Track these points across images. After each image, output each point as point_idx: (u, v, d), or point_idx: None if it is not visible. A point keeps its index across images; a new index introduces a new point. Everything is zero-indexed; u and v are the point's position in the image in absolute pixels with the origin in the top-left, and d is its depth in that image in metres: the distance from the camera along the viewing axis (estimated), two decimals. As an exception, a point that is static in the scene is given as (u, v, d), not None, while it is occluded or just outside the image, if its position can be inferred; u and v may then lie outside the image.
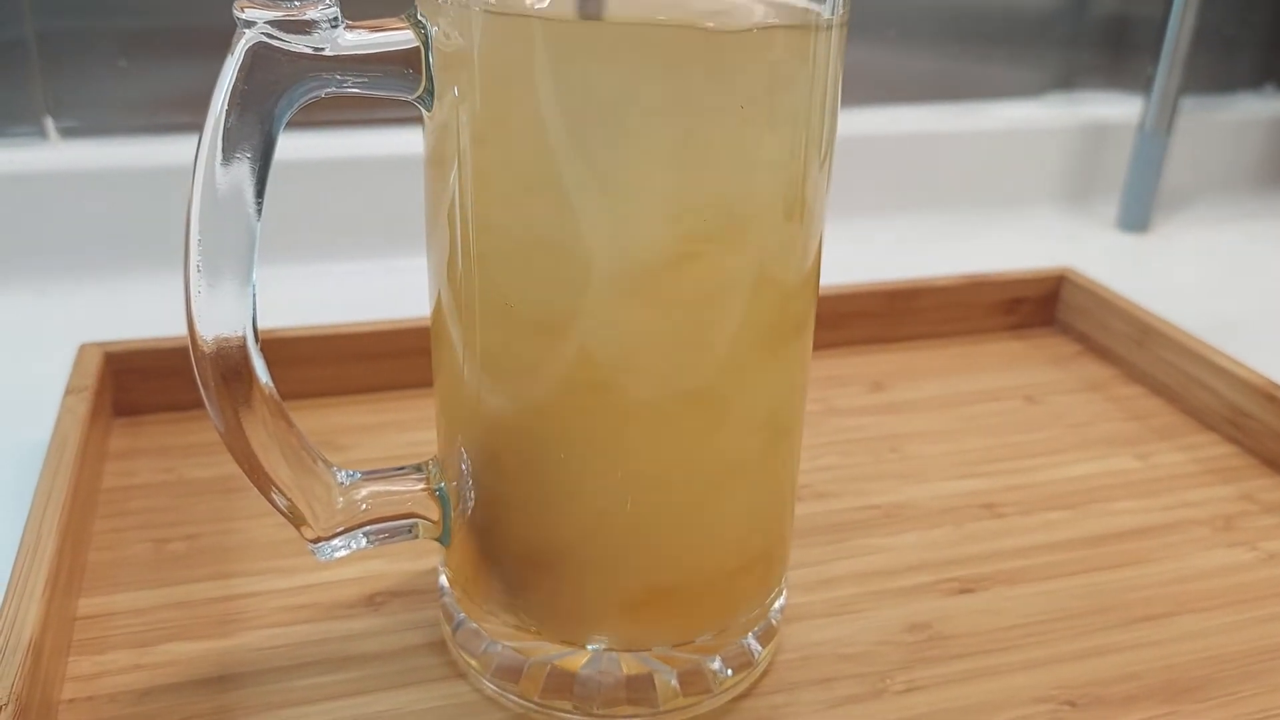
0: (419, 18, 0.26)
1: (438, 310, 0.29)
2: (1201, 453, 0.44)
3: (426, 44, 0.25)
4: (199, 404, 0.27)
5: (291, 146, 0.54)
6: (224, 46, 0.24)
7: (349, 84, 0.25)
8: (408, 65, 0.26)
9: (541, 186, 0.25)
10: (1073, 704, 0.31)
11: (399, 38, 0.25)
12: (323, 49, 0.25)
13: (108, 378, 0.42)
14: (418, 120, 0.27)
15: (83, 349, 0.42)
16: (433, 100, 0.26)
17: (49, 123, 0.55)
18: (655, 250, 0.25)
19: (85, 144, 0.55)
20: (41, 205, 0.54)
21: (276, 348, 0.42)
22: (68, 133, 0.55)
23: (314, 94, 0.25)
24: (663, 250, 0.25)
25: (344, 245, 0.58)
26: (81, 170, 0.54)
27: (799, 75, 0.25)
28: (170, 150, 0.55)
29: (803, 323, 0.29)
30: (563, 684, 0.30)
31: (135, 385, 0.43)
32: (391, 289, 0.49)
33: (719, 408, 0.28)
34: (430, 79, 0.26)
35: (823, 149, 0.27)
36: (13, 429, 0.42)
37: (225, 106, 0.24)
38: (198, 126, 0.25)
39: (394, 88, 0.26)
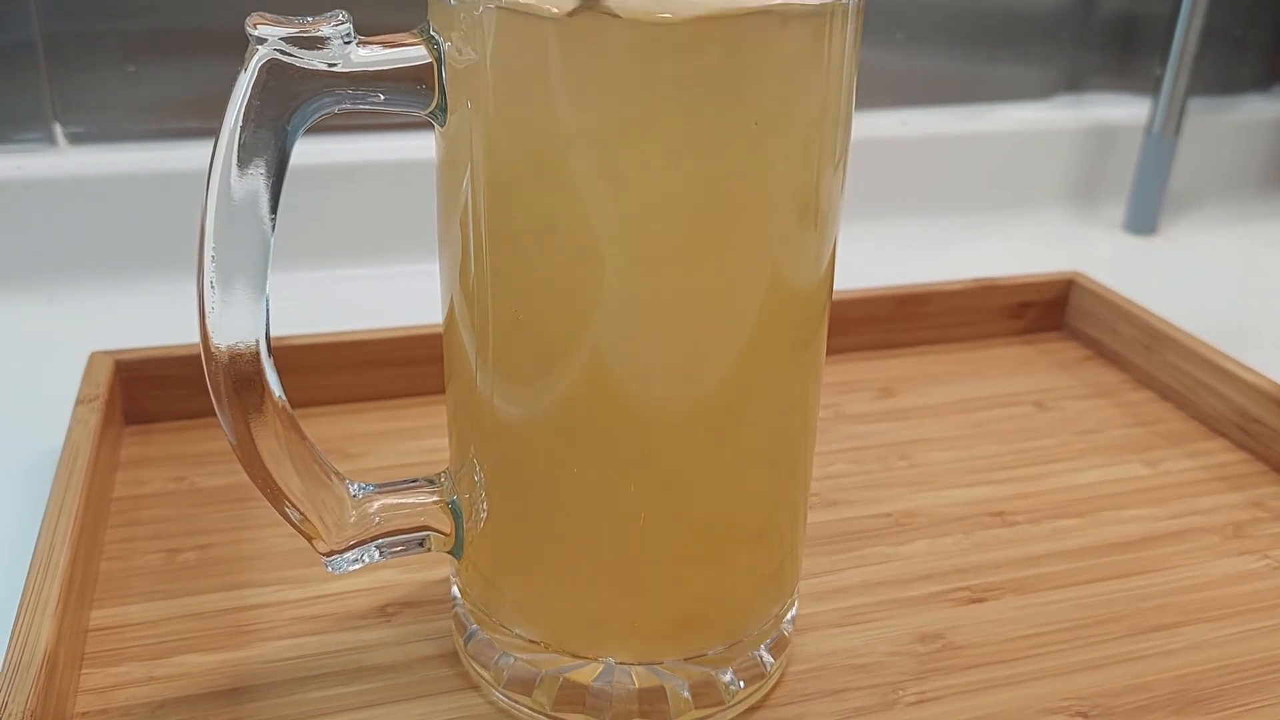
0: (431, 33, 0.26)
1: (450, 318, 0.29)
2: (1211, 459, 0.44)
3: (439, 59, 0.25)
4: (211, 412, 0.27)
5: (303, 152, 0.54)
6: (233, 50, 0.24)
7: (362, 100, 0.25)
8: (421, 81, 0.26)
9: (554, 195, 0.25)
10: (1084, 715, 0.31)
11: (412, 53, 0.25)
12: (335, 65, 0.25)
13: (118, 386, 0.42)
14: (430, 125, 0.27)
15: (93, 358, 0.42)
16: (446, 115, 0.26)
17: (57, 128, 0.55)
18: (669, 256, 0.25)
19: (93, 150, 0.55)
20: (50, 212, 0.54)
21: (288, 355, 0.42)
22: (76, 138, 0.55)
23: (327, 110, 0.25)
24: (677, 256, 0.25)
25: (356, 251, 0.58)
26: (90, 176, 0.54)
27: (815, 66, 0.25)
28: (179, 155, 0.55)
29: (816, 328, 0.29)
30: (575, 696, 0.30)
31: (146, 394, 0.43)
32: (403, 296, 0.49)
33: (732, 415, 0.28)
34: (443, 94, 0.26)
35: (837, 152, 0.27)
36: (24, 439, 0.42)
37: (239, 122, 0.24)
38: (207, 131, 0.25)
39: (407, 104, 0.26)
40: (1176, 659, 0.33)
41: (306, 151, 0.55)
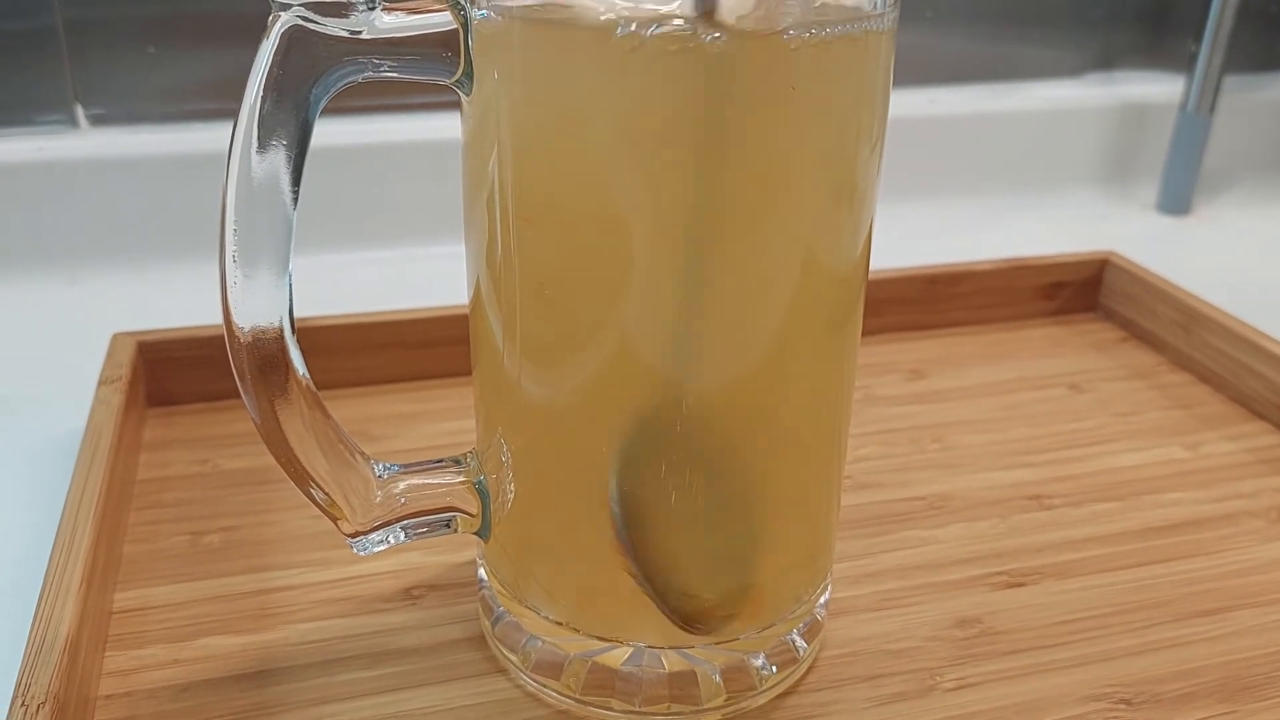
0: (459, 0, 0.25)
1: (476, 297, 0.28)
2: (1252, 442, 0.43)
3: (466, 26, 0.25)
4: (234, 393, 0.26)
5: (328, 133, 0.54)
6: (254, 32, 0.24)
7: (386, 68, 0.25)
8: (446, 48, 0.25)
9: (583, 172, 0.24)
10: (1128, 702, 0.30)
11: (438, 20, 0.25)
12: (360, 32, 0.24)
13: (141, 368, 0.42)
14: (455, 105, 0.27)
15: (115, 339, 0.42)
16: (471, 84, 0.25)
17: (79, 110, 0.54)
18: (702, 234, 0.25)
19: (115, 132, 0.55)
20: (72, 193, 0.53)
21: (312, 336, 0.42)
22: (97, 120, 0.55)
23: (351, 78, 0.25)
24: (708, 236, 0.25)
25: (381, 233, 0.58)
26: (111, 158, 0.54)
27: (851, 73, 0.25)
28: (201, 137, 0.55)
29: (851, 310, 0.28)
30: (604, 680, 0.29)
31: (169, 375, 0.42)
32: (429, 276, 0.49)
33: (764, 397, 0.27)
34: (469, 62, 0.25)
35: (874, 134, 0.26)
36: (47, 420, 0.42)
37: (261, 92, 0.24)
38: (228, 113, 0.24)
39: (432, 71, 0.25)
40: (1223, 645, 0.32)
41: (331, 131, 0.55)
